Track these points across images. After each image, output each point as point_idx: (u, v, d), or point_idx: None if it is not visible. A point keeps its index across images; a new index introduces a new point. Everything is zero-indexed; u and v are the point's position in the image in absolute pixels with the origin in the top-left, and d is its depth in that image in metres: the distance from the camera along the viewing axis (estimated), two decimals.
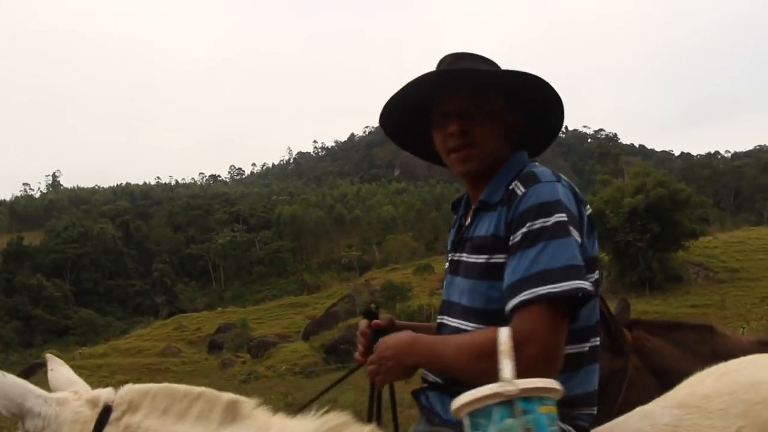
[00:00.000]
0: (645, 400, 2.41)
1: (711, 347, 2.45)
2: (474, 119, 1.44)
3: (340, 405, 1.50)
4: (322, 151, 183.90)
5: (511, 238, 1.32)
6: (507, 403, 1.04)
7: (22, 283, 78.82)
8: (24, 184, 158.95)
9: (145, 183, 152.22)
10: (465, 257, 1.45)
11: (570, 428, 1.33)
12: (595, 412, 1.41)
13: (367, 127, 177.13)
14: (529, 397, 1.05)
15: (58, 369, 1.61)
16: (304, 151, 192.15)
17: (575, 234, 1.30)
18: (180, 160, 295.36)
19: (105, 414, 1.43)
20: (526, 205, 1.31)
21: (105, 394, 1.48)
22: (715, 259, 35.20)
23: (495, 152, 1.47)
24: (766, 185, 76.40)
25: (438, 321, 1.53)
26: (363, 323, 1.56)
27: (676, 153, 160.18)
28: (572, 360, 1.33)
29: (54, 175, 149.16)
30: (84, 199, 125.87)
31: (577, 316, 1.31)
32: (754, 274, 33.23)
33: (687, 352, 2.43)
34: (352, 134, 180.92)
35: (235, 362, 44.27)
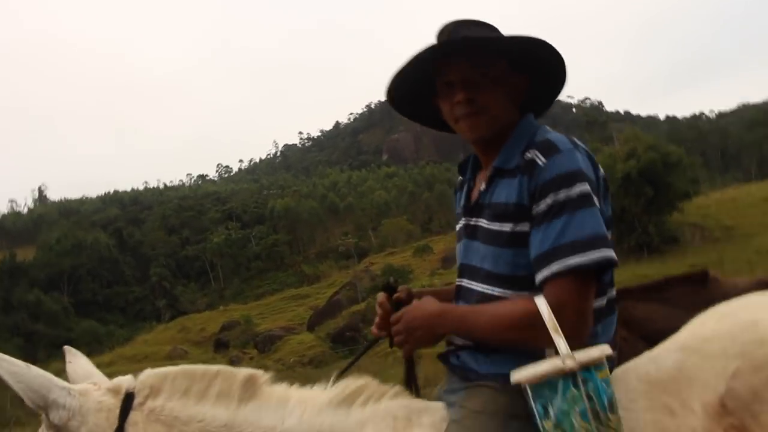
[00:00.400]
0: None
1: (706, 296, 2.35)
2: (478, 86, 1.46)
3: None
4: (308, 142, 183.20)
5: (534, 207, 1.35)
6: (569, 374, 1.18)
7: (19, 299, 78.40)
8: (10, 200, 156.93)
9: (133, 189, 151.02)
10: (485, 223, 1.47)
11: None
12: (615, 356, 1.47)
13: (351, 113, 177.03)
14: (588, 366, 1.19)
15: (76, 361, 1.65)
16: (291, 143, 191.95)
17: (597, 202, 1.35)
18: (166, 163, 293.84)
19: (128, 401, 1.48)
20: (549, 176, 1.33)
21: (125, 381, 1.53)
22: (710, 219, 35.56)
23: (502, 116, 1.49)
24: (752, 142, 76.97)
25: (457, 283, 1.56)
26: (382, 295, 1.60)
27: (662, 117, 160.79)
28: (594, 314, 1.38)
29: (40, 189, 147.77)
30: (73, 210, 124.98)
31: (601, 279, 1.37)
32: (748, 230, 33.63)
33: (679, 308, 2.37)
34: (337, 122, 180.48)
35: (242, 359, 44.39)
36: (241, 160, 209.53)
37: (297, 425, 1.46)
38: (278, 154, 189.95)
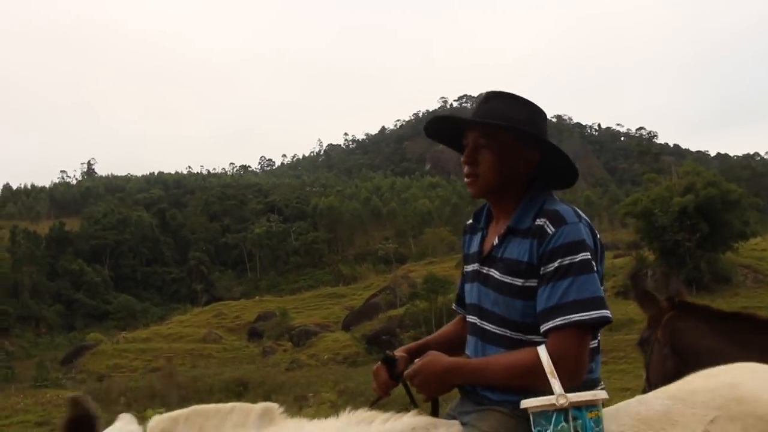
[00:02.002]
0: (661, 367, 2.77)
1: (750, 336, 2.53)
2: (480, 155, 1.68)
3: None
4: (352, 144, 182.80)
5: (543, 269, 1.58)
6: (562, 410, 1.42)
7: (64, 267, 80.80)
8: (61, 171, 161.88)
9: (177, 172, 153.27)
10: (497, 275, 1.67)
11: None
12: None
13: (398, 120, 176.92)
14: (579, 406, 1.43)
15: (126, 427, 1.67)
16: (335, 143, 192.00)
17: (596, 267, 1.59)
18: (209, 150, 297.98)
19: None
20: (557, 244, 1.56)
21: (135, 431, 1.56)
22: (764, 262, 34.88)
23: (496, 184, 1.69)
24: None
25: (471, 322, 1.78)
26: (380, 367, 1.79)
27: (712, 153, 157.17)
28: (590, 352, 1.61)
29: (89, 163, 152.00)
30: (119, 187, 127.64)
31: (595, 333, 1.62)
32: None
33: (722, 338, 2.56)
34: (383, 127, 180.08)
35: (276, 350, 44.89)
36: (284, 155, 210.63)
37: None
38: (321, 152, 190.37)
